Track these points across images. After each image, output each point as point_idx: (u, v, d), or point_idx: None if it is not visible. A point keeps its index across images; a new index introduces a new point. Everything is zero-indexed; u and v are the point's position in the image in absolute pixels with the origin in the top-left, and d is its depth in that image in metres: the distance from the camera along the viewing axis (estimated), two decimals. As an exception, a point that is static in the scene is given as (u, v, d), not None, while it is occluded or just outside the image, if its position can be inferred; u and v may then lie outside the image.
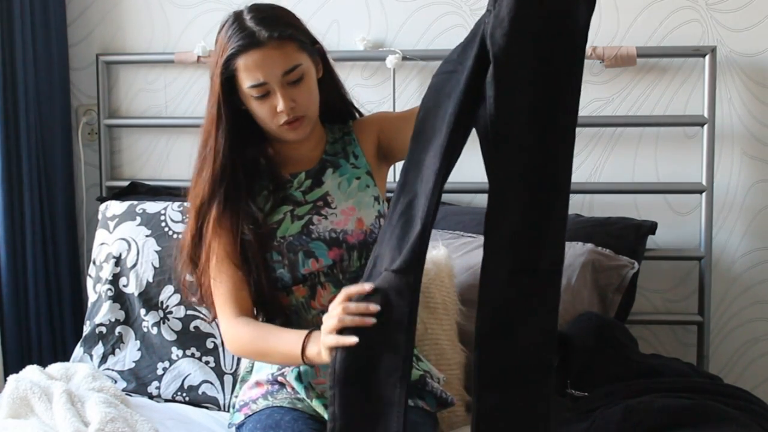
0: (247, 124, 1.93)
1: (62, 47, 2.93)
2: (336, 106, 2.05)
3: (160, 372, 2.45)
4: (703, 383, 2.22)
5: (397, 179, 1.69)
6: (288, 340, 1.80)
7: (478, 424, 1.57)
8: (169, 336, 2.46)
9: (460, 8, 2.81)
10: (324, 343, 1.64)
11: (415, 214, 1.57)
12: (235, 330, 1.90)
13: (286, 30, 1.86)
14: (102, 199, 2.81)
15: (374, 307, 1.57)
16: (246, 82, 1.87)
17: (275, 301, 1.95)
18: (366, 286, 1.58)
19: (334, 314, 1.61)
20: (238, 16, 1.89)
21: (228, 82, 1.89)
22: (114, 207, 2.65)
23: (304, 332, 1.77)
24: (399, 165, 2.12)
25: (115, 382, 2.42)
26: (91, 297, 2.59)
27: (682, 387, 2.15)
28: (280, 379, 1.98)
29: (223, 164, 1.91)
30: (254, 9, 1.90)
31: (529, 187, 1.55)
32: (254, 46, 1.84)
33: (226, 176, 1.91)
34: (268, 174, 1.96)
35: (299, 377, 1.95)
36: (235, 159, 1.92)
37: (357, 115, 2.10)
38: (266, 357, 1.89)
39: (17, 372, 2.27)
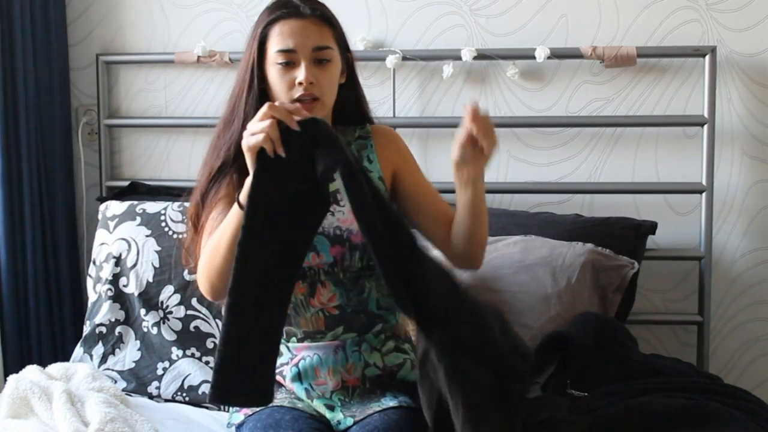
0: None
1: (62, 47, 2.93)
2: (352, 115, 2.06)
3: (160, 372, 2.45)
4: (703, 383, 2.22)
5: None
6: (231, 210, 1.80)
7: None
8: (169, 336, 2.46)
9: (460, 8, 2.81)
10: (248, 144, 1.68)
11: None
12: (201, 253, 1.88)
13: (327, 12, 1.93)
14: (102, 199, 2.80)
15: (304, 112, 1.71)
16: (276, 46, 1.89)
17: None
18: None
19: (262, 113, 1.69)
20: None
21: (260, 48, 1.91)
22: (114, 207, 2.65)
23: None
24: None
25: (115, 382, 2.42)
26: (91, 297, 2.59)
27: (682, 387, 2.15)
28: (278, 379, 1.98)
29: None
30: None
31: None
32: (295, 16, 1.90)
33: None
34: None
35: (298, 378, 1.95)
36: None
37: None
38: (220, 244, 1.80)
39: (17, 372, 2.27)
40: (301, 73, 1.87)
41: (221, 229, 1.81)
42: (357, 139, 2.06)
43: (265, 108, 1.70)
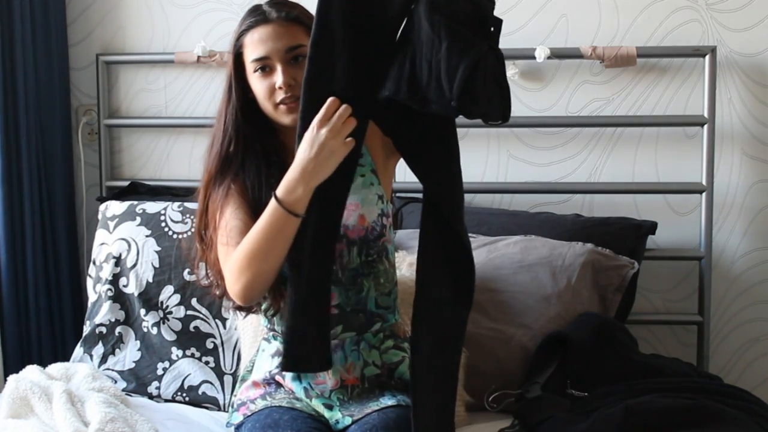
0: (254, 111, 1.95)
1: (62, 47, 2.93)
2: None
3: (160, 372, 2.45)
4: (703, 383, 2.22)
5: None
6: (265, 210, 1.80)
7: None
8: (169, 336, 2.46)
9: (460, 8, 2.80)
10: (327, 145, 1.73)
11: None
12: (232, 255, 1.86)
13: (293, 11, 1.94)
14: (102, 199, 2.81)
15: (347, 112, 1.74)
16: (250, 56, 1.91)
17: (278, 292, 1.94)
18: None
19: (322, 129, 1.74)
20: (256, 5, 1.98)
21: (237, 60, 1.94)
22: (114, 207, 2.65)
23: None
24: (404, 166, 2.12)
25: (115, 382, 2.42)
26: (91, 297, 2.59)
27: (682, 387, 2.15)
28: (277, 378, 1.98)
29: (232, 139, 1.93)
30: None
31: None
32: (262, 23, 1.92)
33: (237, 150, 1.93)
34: (276, 164, 1.97)
35: (297, 377, 1.95)
36: (248, 133, 1.94)
37: None
38: (255, 244, 1.80)
39: (17, 372, 2.28)
40: (278, 78, 1.89)
41: (263, 230, 1.79)
42: None
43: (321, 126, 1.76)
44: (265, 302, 1.96)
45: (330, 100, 1.74)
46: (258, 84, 1.91)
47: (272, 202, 1.78)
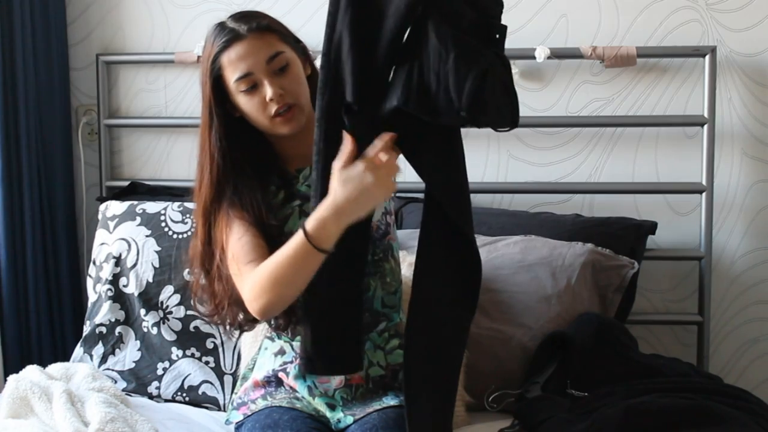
0: (241, 131, 1.93)
1: (62, 47, 2.93)
2: None
3: (160, 372, 2.45)
4: (703, 383, 2.23)
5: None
6: (292, 239, 1.75)
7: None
8: (169, 336, 2.46)
9: (460, 8, 2.80)
10: (371, 192, 1.66)
11: None
12: (253, 273, 1.82)
13: (263, 21, 1.92)
14: (102, 199, 2.81)
15: (396, 157, 1.70)
16: (232, 76, 1.88)
17: (290, 311, 1.92)
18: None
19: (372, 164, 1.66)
20: (219, 23, 1.95)
21: (217, 84, 1.91)
22: (114, 207, 2.65)
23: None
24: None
25: (115, 382, 2.42)
26: (91, 297, 2.59)
27: (682, 387, 2.15)
28: (280, 375, 1.98)
29: (221, 165, 1.90)
30: (234, 14, 1.97)
31: None
32: (236, 40, 1.89)
33: (227, 176, 1.90)
34: (275, 171, 1.96)
35: (302, 375, 1.95)
36: (236, 157, 1.91)
37: None
38: (279, 271, 1.76)
39: (17, 372, 2.27)
40: (267, 91, 1.87)
41: (288, 260, 1.75)
42: None
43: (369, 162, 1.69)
44: (275, 321, 1.96)
45: (387, 138, 1.68)
46: (247, 102, 1.89)
47: (300, 234, 1.72)
